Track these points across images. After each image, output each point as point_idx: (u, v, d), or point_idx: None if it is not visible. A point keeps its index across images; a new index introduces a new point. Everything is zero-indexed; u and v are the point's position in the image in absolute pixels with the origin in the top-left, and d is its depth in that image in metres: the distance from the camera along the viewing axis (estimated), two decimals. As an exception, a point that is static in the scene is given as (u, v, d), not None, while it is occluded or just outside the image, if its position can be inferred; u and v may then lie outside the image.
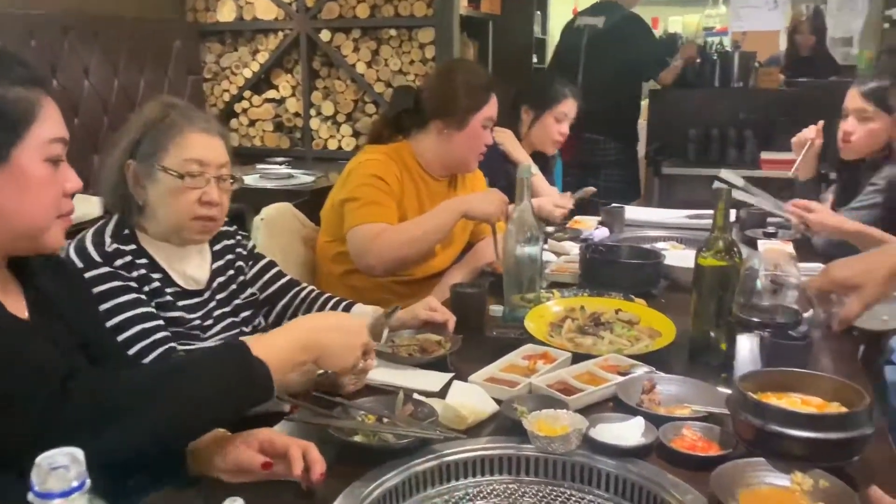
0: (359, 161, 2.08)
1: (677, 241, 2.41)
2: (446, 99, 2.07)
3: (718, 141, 4.04)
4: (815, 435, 1.01)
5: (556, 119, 2.71)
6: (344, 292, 1.96)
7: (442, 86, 2.11)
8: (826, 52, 4.92)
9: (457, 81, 2.09)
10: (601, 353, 1.43)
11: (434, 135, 2.09)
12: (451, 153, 2.09)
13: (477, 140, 2.08)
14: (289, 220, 2.20)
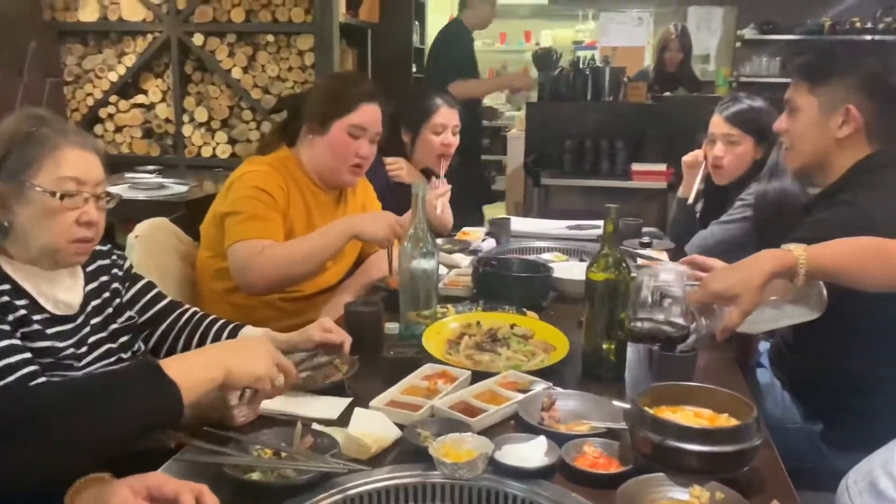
0: (241, 172, 2.00)
1: (561, 251, 2.47)
2: (313, 103, 2.03)
3: (592, 152, 4.19)
4: (710, 448, 1.05)
5: (433, 132, 2.66)
6: (228, 311, 1.87)
7: (316, 91, 2.10)
8: (690, 68, 5.23)
9: (324, 86, 2.06)
10: (499, 370, 1.43)
11: (305, 140, 2.05)
12: (317, 161, 2.04)
13: (342, 148, 2.01)
14: (165, 236, 2.08)
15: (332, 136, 2.01)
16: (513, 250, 2.48)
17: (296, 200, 2.01)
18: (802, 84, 1.74)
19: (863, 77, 1.67)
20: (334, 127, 2.00)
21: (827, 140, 1.69)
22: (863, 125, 1.66)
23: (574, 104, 4.36)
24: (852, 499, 1.18)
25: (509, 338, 1.57)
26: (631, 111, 4.32)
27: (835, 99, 1.67)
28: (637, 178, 3.98)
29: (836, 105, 1.67)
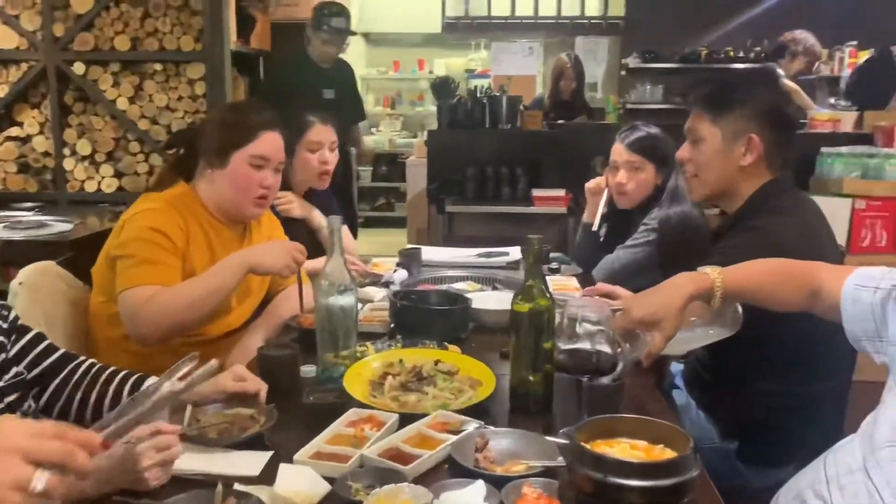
0: (135, 211, 1.87)
1: (473, 280, 2.45)
2: (209, 136, 1.93)
3: (494, 179, 4.24)
4: (653, 483, 1.04)
5: (309, 150, 2.53)
6: (126, 360, 1.74)
7: (210, 123, 1.99)
8: (583, 96, 5.40)
9: (220, 118, 1.97)
10: (427, 411, 1.38)
11: (204, 174, 1.94)
12: (219, 195, 1.94)
13: (244, 180, 1.91)
14: (52, 282, 1.91)
15: (233, 169, 1.91)
16: (425, 280, 2.44)
17: (196, 238, 1.90)
18: (704, 115, 1.80)
19: (761, 107, 1.75)
20: (234, 158, 1.91)
21: (731, 168, 1.76)
22: (763, 153, 1.74)
23: (473, 131, 4.41)
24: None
25: (435, 375, 1.52)
26: (528, 138, 4.41)
27: (737, 129, 1.74)
28: (538, 203, 4.04)
29: (739, 134, 1.74)
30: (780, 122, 1.76)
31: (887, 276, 1.28)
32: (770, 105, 1.76)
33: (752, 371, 1.72)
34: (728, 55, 6.54)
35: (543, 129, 4.51)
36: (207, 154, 1.92)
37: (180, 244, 1.84)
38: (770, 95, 1.80)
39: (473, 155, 4.33)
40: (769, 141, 1.73)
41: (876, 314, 1.26)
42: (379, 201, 8.42)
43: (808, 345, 1.66)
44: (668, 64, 6.69)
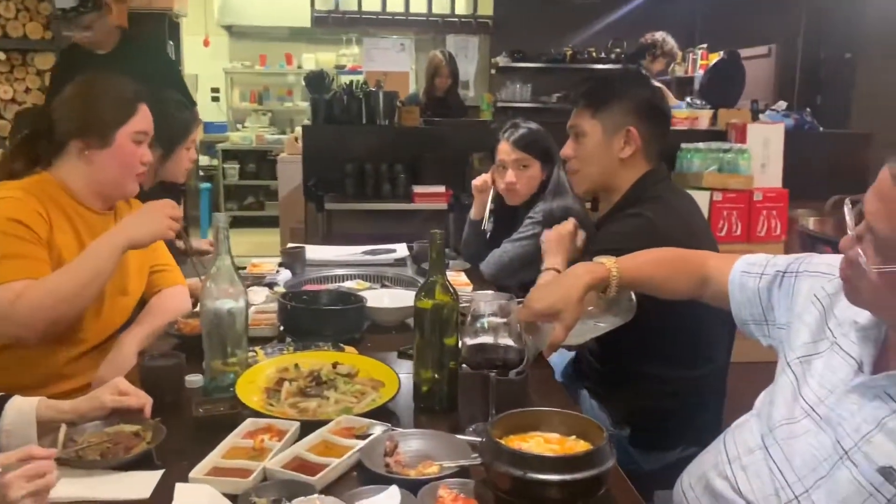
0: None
1: (361, 278, 2.39)
2: (85, 114, 1.76)
3: (373, 176, 4.16)
4: (572, 476, 1.03)
5: (186, 148, 2.44)
6: None
7: (78, 101, 1.80)
8: (457, 93, 5.43)
9: (96, 94, 1.79)
10: (329, 417, 1.31)
11: (75, 157, 1.76)
12: (99, 176, 1.78)
13: (128, 158, 1.79)
14: None
15: (118, 147, 1.76)
16: (311, 280, 2.35)
17: (61, 226, 1.72)
18: (586, 111, 1.84)
19: (638, 101, 1.81)
20: (119, 136, 1.76)
21: (612, 161, 1.81)
22: (641, 145, 1.80)
23: (350, 127, 4.32)
24: (690, 503, 1.22)
25: (334, 378, 1.45)
26: (407, 135, 4.37)
27: (616, 122, 1.80)
28: (419, 200, 4.01)
29: (618, 128, 1.80)
30: (655, 115, 1.83)
31: (770, 261, 1.34)
32: (646, 99, 1.83)
33: (639, 358, 1.76)
34: (591, 56, 6.81)
35: (421, 125, 4.49)
36: (85, 134, 1.75)
37: (43, 233, 1.66)
38: (646, 90, 1.87)
39: (351, 151, 4.24)
40: (646, 133, 1.80)
41: (762, 299, 1.32)
42: (247, 200, 8.13)
43: (692, 331, 1.72)
44: (536, 63, 6.88)
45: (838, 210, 4.14)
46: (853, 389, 1.06)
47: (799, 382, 1.15)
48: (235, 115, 8.59)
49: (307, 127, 4.41)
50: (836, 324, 1.16)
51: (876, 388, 1.03)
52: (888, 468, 0.96)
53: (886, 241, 0.94)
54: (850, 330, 1.12)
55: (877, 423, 1.00)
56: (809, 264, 1.27)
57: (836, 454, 1.03)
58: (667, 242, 1.66)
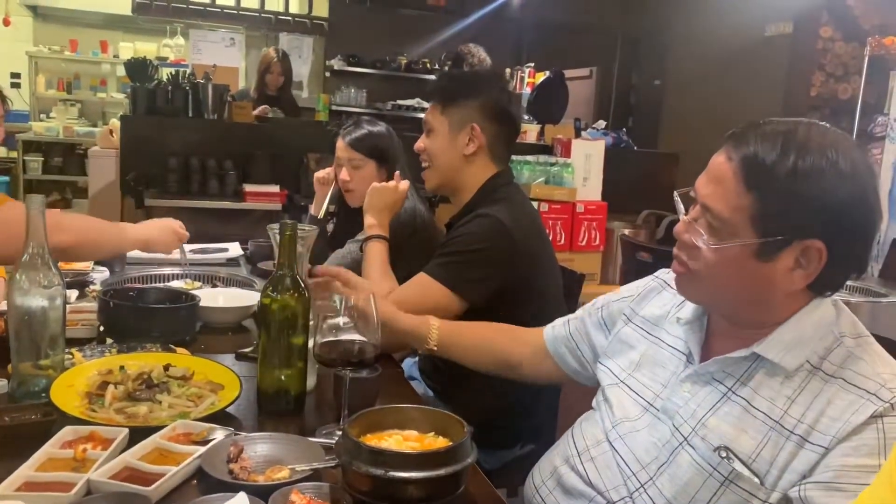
0: None
1: (191, 277, 2.22)
2: None
3: (200, 172, 3.93)
4: (436, 473, 0.99)
5: None
6: None
7: None
8: (290, 92, 5.28)
9: None
10: (163, 422, 1.18)
11: None
12: None
13: None
14: None
15: None
16: (132, 279, 2.15)
17: None
18: (436, 106, 1.87)
19: (485, 101, 1.84)
20: None
21: (457, 157, 1.83)
22: (486, 145, 1.83)
23: (175, 120, 4.06)
24: (544, 499, 1.23)
25: (167, 381, 1.32)
26: (237, 131, 4.18)
27: (462, 118, 1.82)
28: (251, 199, 3.85)
29: (463, 124, 1.82)
30: (501, 116, 1.85)
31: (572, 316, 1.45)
32: (493, 100, 1.85)
33: None
34: (425, 66, 6.90)
35: (254, 122, 4.31)
36: None
37: None
38: (495, 92, 1.89)
39: (175, 145, 3.98)
40: (491, 133, 1.83)
41: (582, 334, 1.40)
42: (52, 196, 7.39)
43: (529, 324, 1.76)
44: (371, 70, 6.86)
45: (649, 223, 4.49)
46: (685, 379, 1.12)
47: (630, 386, 1.21)
48: (40, 103, 7.80)
49: (126, 117, 4.09)
50: (648, 324, 1.25)
51: (705, 374, 1.10)
52: (723, 447, 1.02)
53: (721, 219, 1.00)
54: (673, 326, 1.19)
55: (710, 406, 1.06)
56: (609, 297, 1.38)
57: (675, 441, 1.08)
58: (516, 241, 1.70)
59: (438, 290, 1.67)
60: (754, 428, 1.01)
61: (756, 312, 1.06)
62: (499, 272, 1.70)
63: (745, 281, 1.02)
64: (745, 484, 0.99)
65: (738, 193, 0.99)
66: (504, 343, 1.53)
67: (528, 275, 1.73)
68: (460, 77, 1.97)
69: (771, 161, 0.96)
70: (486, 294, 1.69)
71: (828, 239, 0.97)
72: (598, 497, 1.14)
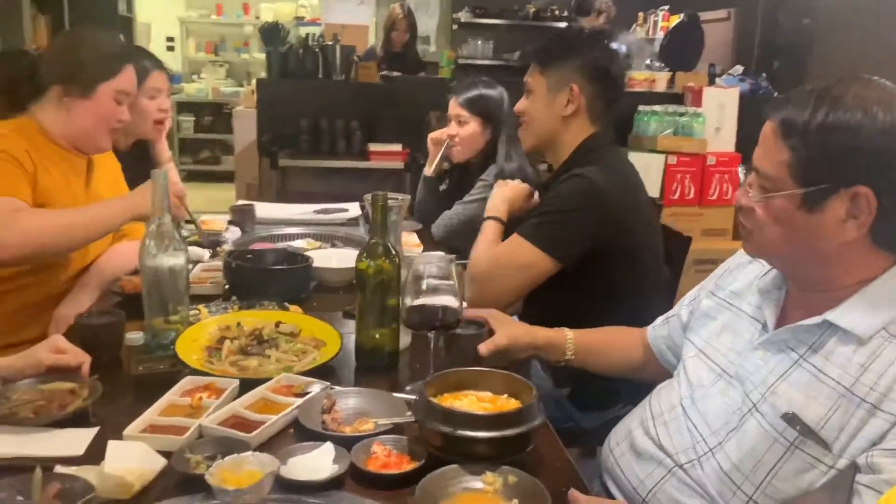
0: None
1: (312, 238, 2.39)
2: (70, 63, 1.80)
3: (328, 132, 4.12)
4: (502, 433, 1.06)
5: (148, 97, 2.32)
6: None
7: (66, 50, 1.86)
8: (415, 48, 5.36)
9: (86, 45, 1.84)
10: (270, 375, 1.32)
11: (55, 102, 1.80)
12: (73, 125, 1.82)
13: (106, 114, 1.83)
14: None
15: (98, 101, 1.81)
16: (260, 239, 2.34)
17: (46, 168, 1.75)
18: (535, 67, 1.88)
19: (585, 61, 1.83)
20: (100, 90, 1.81)
21: (555, 117, 1.85)
22: (585, 105, 1.83)
23: (306, 82, 4.25)
24: (617, 461, 1.27)
25: (276, 337, 1.46)
26: (364, 91, 4.33)
27: (561, 79, 1.83)
28: (375, 158, 4.00)
29: (562, 85, 1.83)
30: (601, 76, 1.84)
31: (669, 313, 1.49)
32: (593, 60, 1.84)
33: (578, 319, 1.80)
34: (554, 14, 6.77)
35: (379, 81, 4.44)
36: (67, 81, 1.79)
37: (29, 169, 1.71)
38: (595, 52, 1.87)
39: (306, 107, 4.18)
40: (590, 93, 1.83)
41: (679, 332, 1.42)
42: (203, 154, 7.98)
43: (630, 293, 1.77)
44: (498, 20, 6.81)
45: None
46: (758, 346, 1.14)
47: (708, 355, 1.23)
48: (191, 66, 8.37)
49: (262, 81, 4.33)
50: (732, 296, 1.27)
51: (778, 342, 1.11)
52: (790, 414, 1.03)
53: (768, 176, 1.06)
54: (754, 296, 1.21)
55: (781, 373, 1.08)
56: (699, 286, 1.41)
57: (745, 407, 1.10)
58: (609, 204, 1.70)
59: (529, 249, 1.71)
60: (824, 395, 1.01)
61: (820, 270, 1.08)
62: (590, 234, 1.71)
63: (798, 234, 1.06)
64: (811, 450, 1.00)
65: (778, 149, 1.04)
66: (630, 344, 1.56)
67: (620, 240, 1.73)
68: (560, 37, 1.97)
69: (804, 115, 1.02)
70: (577, 255, 1.71)
71: (875, 187, 0.99)
72: (666, 459, 1.17)
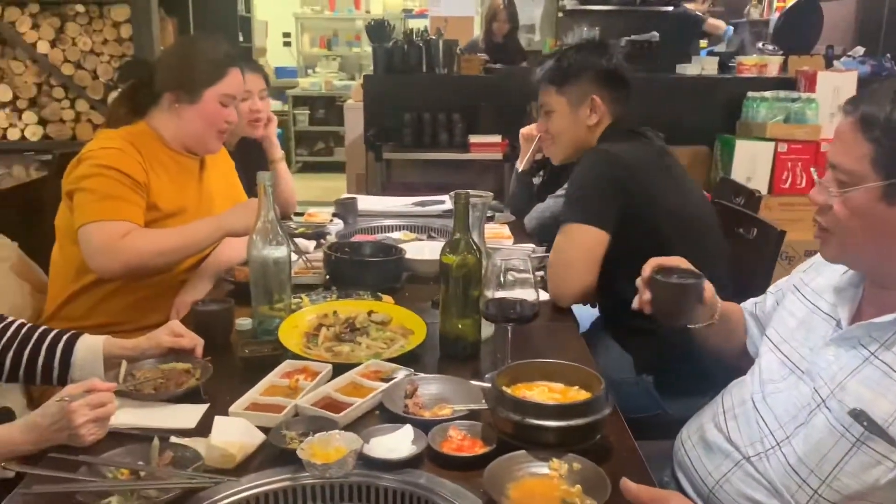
0: (90, 150, 1.87)
1: (409, 229, 2.50)
2: (177, 71, 1.95)
3: (431, 125, 4.24)
4: (566, 423, 1.12)
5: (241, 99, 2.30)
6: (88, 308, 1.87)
7: (174, 58, 2.02)
8: (517, 39, 5.39)
9: (191, 52, 1.98)
10: (360, 360, 1.43)
11: (167, 108, 1.96)
12: (184, 130, 1.97)
13: (213, 117, 1.97)
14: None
15: (204, 105, 1.95)
16: (361, 230, 2.48)
17: (157, 173, 1.92)
18: (550, 88, 2.01)
19: (596, 72, 1.97)
20: (206, 95, 1.95)
21: (581, 129, 2.00)
22: (606, 110, 1.97)
23: (409, 76, 4.38)
24: (688, 453, 1.31)
25: (368, 325, 1.58)
26: (465, 83, 4.41)
27: (581, 93, 1.97)
28: (475, 149, 4.08)
29: (583, 98, 1.96)
30: (615, 80, 1.98)
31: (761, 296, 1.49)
32: (603, 68, 1.97)
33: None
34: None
35: (481, 73, 4.51)
36: (176, 88, 1.94)
37: (141, 179, 1.86)
38: (604, 59, 1.98)
39: (410, 100, 4.31)
40: (609, 98, 1.97)
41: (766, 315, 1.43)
42: (317, 146, 8.32)
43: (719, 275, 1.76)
44: (605, 6, 6.71)
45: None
46: (831, 342, 1.15)
47: (782, 351, 1.25)
48: (306, 60, 8.73)
49: (368, 76, 4.50)
50: (812, 293, 1.26)
51: (851, 338, 1.12)
52: (858, 410, 1.04)
53: (847, 171, 1.07)
54: (831, 294, 1.21)
55: (852, 370, 1.09)
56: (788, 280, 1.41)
57: (813, 402, 1.12)
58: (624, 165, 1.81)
59: (577, 229, 1.79)
60: (894, 392, 1.02)
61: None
62: (618, 196, 1.78)
63: (879, 228, 1.07)
64: (877, 446, 1.01)
65: (859, 144, 1.06)
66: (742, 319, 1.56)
67: (648, 211, 1.79)
68: (565, 57, 2.03)
69: (885, 110, 1.04)
70: (616, 220, 1.77)
71: None
72: (734, 452, 1.20)
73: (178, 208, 1.93)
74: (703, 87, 4.55)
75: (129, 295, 1.89)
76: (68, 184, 1.84)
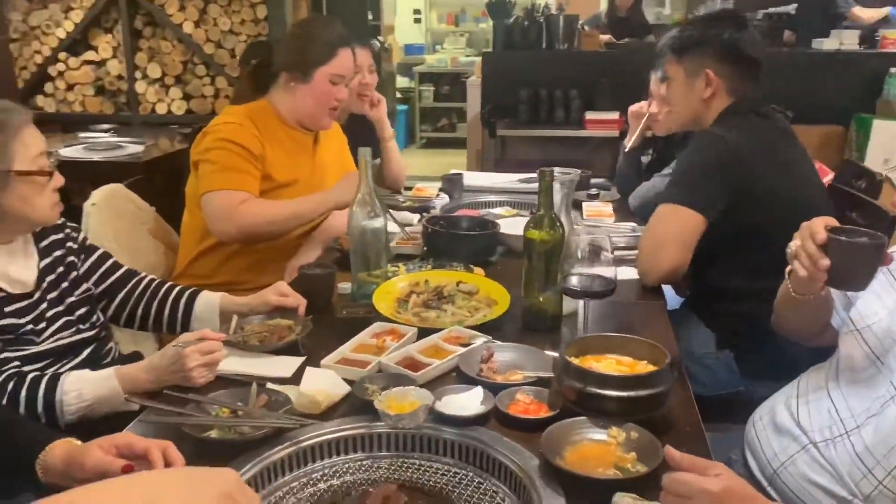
0: (214, 124, 2.08)
1: (511, 205, 2.56)
2: (292, 51, 2.11)
3: (547, 102, 4.25)
4: (627, 393, 1.17)
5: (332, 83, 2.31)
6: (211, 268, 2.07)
7: (290, 38, 2.17)
8: (641, 12, 5.27)
9: (304, 34, 2.13)
10: (445, 326, 1.53)
11: (283, 87, 2.13)
12: (298, 107, 2.13)
13: (323, 96, 2.11)
14: (122, 203, 2.13)
15: (315, 84, 2.10)
16: (465, 205, 2.56)
17: (272, 147, 2.09)
18: (671, 56, 1.97)
19: (717, 45, 1.90)
20: (317, 75, 2.09)
21: (695, 101, 1.95)
22: (722, 86, 1.90)
23: (529, 53, 4.40)
24: (758, 434, 1.31)
25: (455, 294, 1.67)
26: (585, 59, 4.38)
27: (696, 66, 1.92)
28: (591, 126, 4.06)
29: (699, 71, 1.91)
30: (734, 56, 1.90)
31: None
32: (726, 43, 1.89)
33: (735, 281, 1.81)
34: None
35: (602, 49, 4.46)
36: (292, 68, 2.10)
37: (257, 151, 2.04)
38: (727, 34, 1.90)
39: (528, 77, 4.34)
40: (726, 74, 1.90)
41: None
42: (441, 122, 8.47)
43: None
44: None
45: None
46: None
47: (864, 338, 1.21)
48: (434, 36, 8.87)
49: (487, 53, 4.56)
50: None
51: None
52: None
53: None
54: None
55: None
56: None
57: (888, 394, 1.10)
58: (737, 153, 1.75)
59: (674, 209, 1.77)
60: None
61: None
62: (725, 185, 1.74)
63: None
64: None
65: None
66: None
67: (754, 206, 1.73)
68: (691, 26, 1.98)
69: None
70: (718, 207, 1.73)
71: None
72: (801, 436, 1.20)
73: (290, 179, 2.09)
74: (841, 63, 4.29)
75: (247, 257, 2.08)
76: (195, 155, 2.04)
